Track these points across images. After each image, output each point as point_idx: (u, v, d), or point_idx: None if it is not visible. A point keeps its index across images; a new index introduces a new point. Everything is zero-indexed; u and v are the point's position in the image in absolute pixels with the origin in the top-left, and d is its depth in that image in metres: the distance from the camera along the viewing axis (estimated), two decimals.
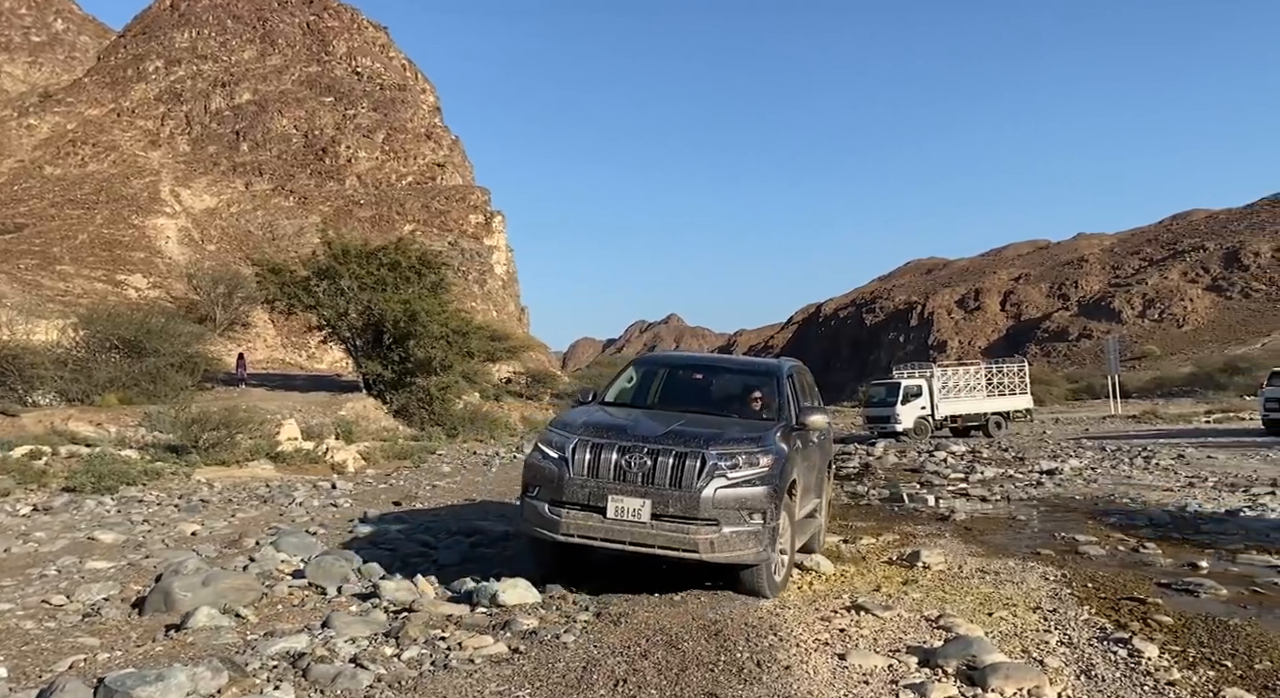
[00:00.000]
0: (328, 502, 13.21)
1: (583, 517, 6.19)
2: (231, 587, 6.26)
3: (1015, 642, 5.43)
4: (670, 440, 6.29)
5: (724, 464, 6.17)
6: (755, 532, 6.10)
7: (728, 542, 6.02)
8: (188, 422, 18.94)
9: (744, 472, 6.22)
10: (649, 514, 6.06)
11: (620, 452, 6.24)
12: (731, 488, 6.13)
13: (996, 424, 33.00)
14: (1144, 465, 17.60)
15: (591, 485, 6.20)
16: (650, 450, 6.20)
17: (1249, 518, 10.35)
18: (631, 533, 6.08)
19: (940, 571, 7.66)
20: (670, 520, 6.05)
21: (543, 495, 6.40)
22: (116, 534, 9.69)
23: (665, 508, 6.06)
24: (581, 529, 6.17)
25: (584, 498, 6.20)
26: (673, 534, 6.03)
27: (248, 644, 5.10)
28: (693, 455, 6.15)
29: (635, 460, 6.18)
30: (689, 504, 6.04)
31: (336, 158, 78.83)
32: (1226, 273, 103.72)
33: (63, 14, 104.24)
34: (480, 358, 40.16)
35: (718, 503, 6.05)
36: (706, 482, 6.08)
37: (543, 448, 6.65)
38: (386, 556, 8.20)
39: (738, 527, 6.07)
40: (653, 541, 6.06)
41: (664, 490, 6.08)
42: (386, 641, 5.24)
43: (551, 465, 6.43)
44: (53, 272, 46.38)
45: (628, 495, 6.11)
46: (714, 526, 6.02)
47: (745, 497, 6.14)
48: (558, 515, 6.24)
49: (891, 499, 13.79)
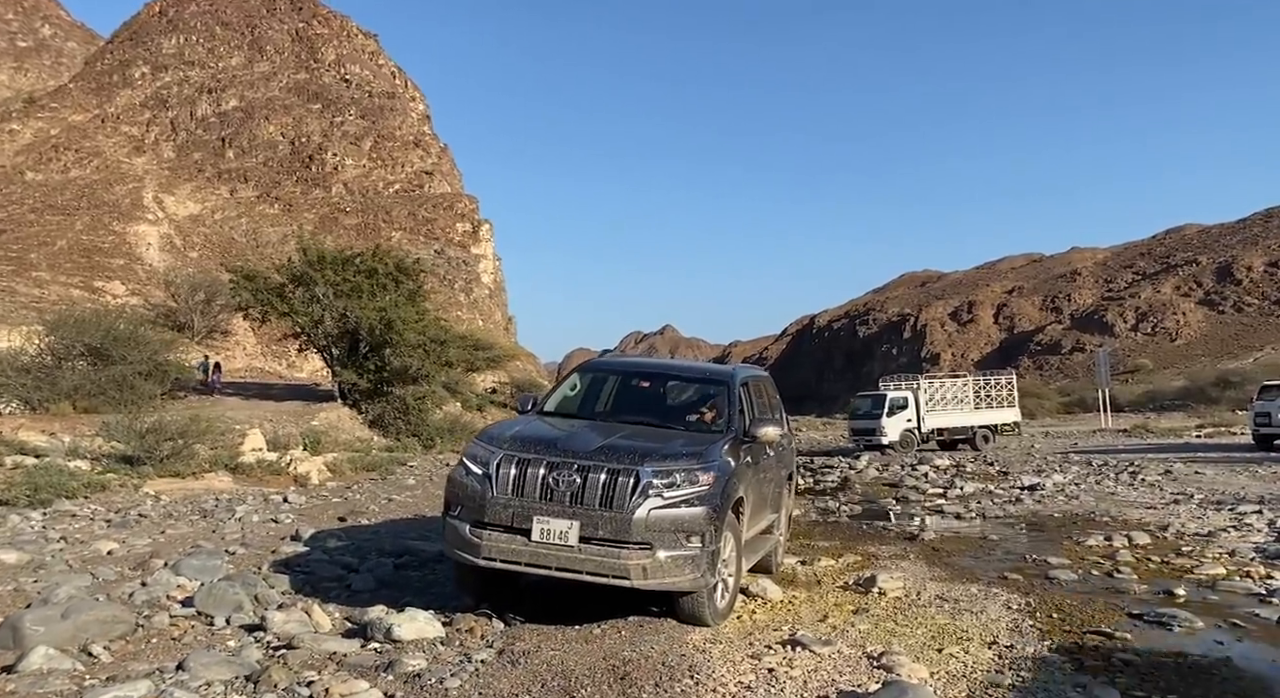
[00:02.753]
0: (269, 517, 12.53)
1: (506, 539, 5.67)
2: (96, 619, 5.59)
3: (962, 685, 4.81)
4: (603, 456, 5.79)
5: (659, 482, 5.66)
6: (693, 556, 5.59)
7: (662, 567, 5.52)
8: (142, 431, 18.24)
9: (681, 491, 5.71)
10: (577, 537, 5.54)
11: (548, 468, 5.73)
12: (667, 508, 5.62)
13: (984, 437, 32.43)
14: (1129, 481, 17.02)
15: (516, 505, 5.69)
16: (580, 467, 5.70)
17: (1232, 539, 9.73)
18: (558, 558, 5.57)
19: (896, 597, 7.05)
20: (600, 544, 5.54)
21: (464, 515, 5.89)
22: (21, 554, 8.97)
23: (595, 530, 5.54)
24: (504, 553, 5.67)
25: (507, 519, 5.69)
26: (602, 559, 5.52)
27: (78, 693, 4.45)
28: (625, 473, 5.64)
29: (564, 478, 5.67)
30: (620, 526, 5.53)
31: (323, 165, 78.20)
32: (1219, 287, 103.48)
33: (50, 20, 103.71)
34: (461, 367, 39.48)
35: (651, 525, 5.54)
36: (640, 501, 5.57)
37: (466, 463, 6.14)
38: (300, 579, 7.55)
39: (673, 551, 5.56)
40: (580, 566, 5.55)
41: (593, 511, 5.58)
42: (243, 687, 4.60)
43: (474, 483, 5.93)
44: (29, 278, 45.66)
45: (554, 517, 5.60)
46: (647, 550, 5.52)
47: (682, 518, 5.63)
48: (479, 538, 5.73)
49: (862, 516, 13.17)
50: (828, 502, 15.21)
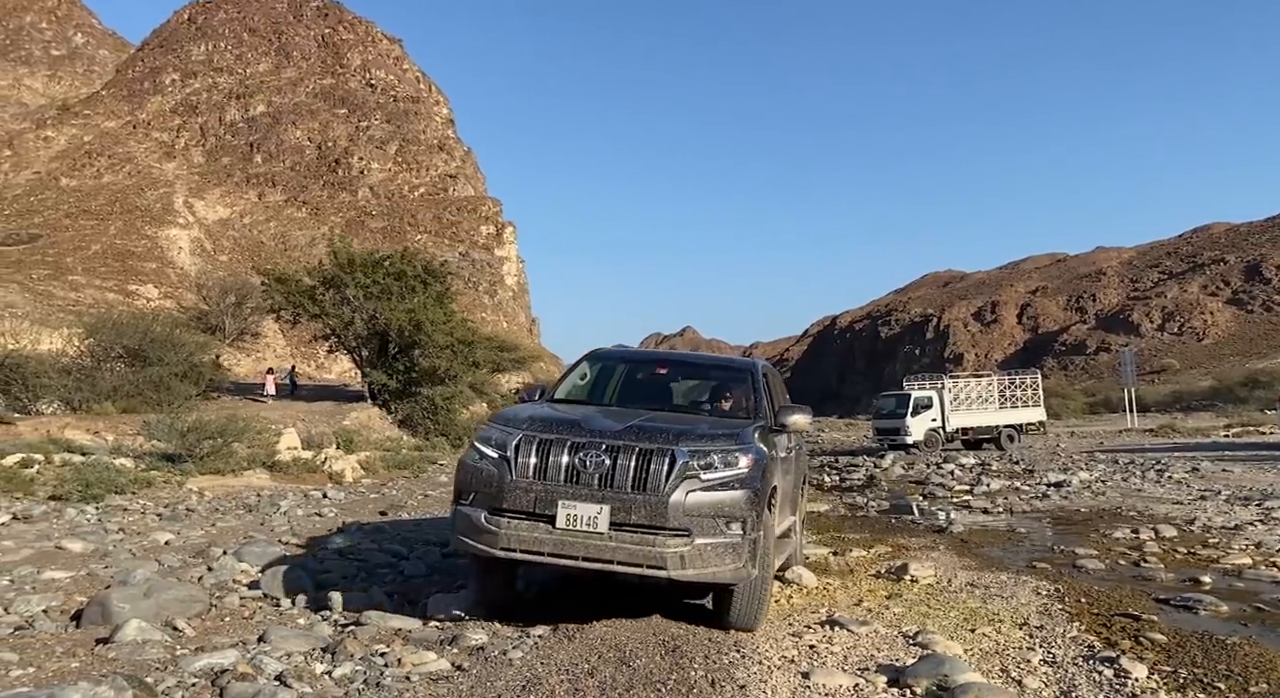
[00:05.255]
0: (313, 512, 12.94)
1: (527, 527, 5.20)
2: (175, 599, 5.97)
3: (995, 660, 5.07)
4: (633, 436, 5.35)
5: (697, 464, 5.24)
6: (734, 544, 5.16)
7: (701, 556, 5.10)
8: (183, 430, 18.75)
9: (720, 473, 5.28)
10: (607, 523, 5.09)
11: (573, 450, 5.28)
12: (706, 491, 5.19)
13: (1009, 437, 32.46)
14: (1156, 479, 17.12)
15: (538, 489, 5.22)
16: (609, 448, 5.26)
17: (1259, 532, 9.90)
18: (586, 546, 5.11)
19: (928, 584, 7.30)
20: (632, 531, 5.10)
21: (479, 502, 5.41)
22: (86, 544, 9.42)
23: (627, 516, 5.10)
24: (525, 542, 5.18)
25: (529, 504, 5.22)
26: (635, 548, 5.07)
27: (173, 660, 4.80)
28: (659, 454, 5.21)
29: (591, 459, 5.21)
30: (655, 511, 5.09)
31: (349, 169, 79.14)
32: (1247, 286, 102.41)
33: (83, 28, 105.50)
34: (487, 368, 39.95)
35: (689, 509, 5.11)
36: (676, 484, 5.14)
37: (479, 447, 5.65)
38: (353, 566, 7.92)
39: (713, 538, 5.13)
40: (611, 555, 5.09)
41: (625, 495, 5.13)
42: (322, 657, 4.94)
43: (490, 466, 5.45)
44: (65, 282, 46.60)
45: (582, 501, 5.14)
46: (685, 537, 5.09)
47: (723, 502, 5.21)
48: (496, 526, 5.24)
49: (890, 511, 13.40)
50: (855, 498, 15.44)
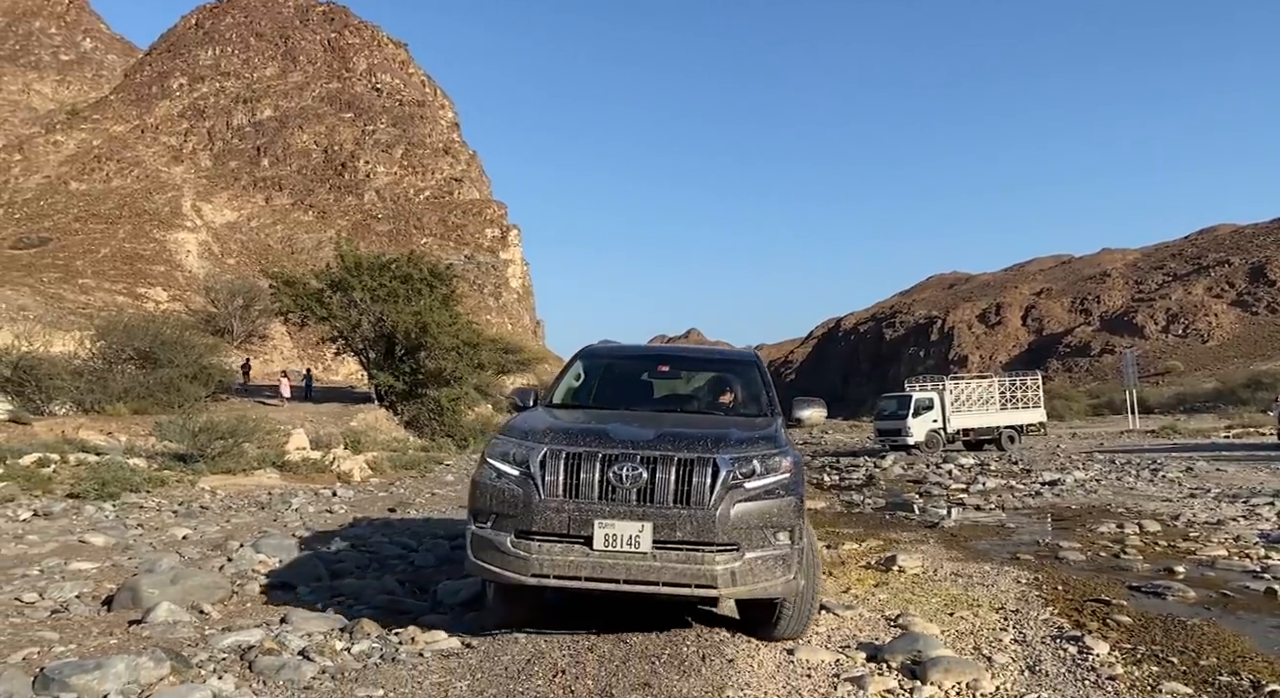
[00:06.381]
0: (324, 508, 13.33)
1: (561, 550, 4.78)
2: (200, 585, 6.34)
3: (969, 639, 5.42)
4: (669, 445, 4.97)
5: (740, 471, 4.94)
6: (783, 556, 4.87)
7: (752, 571, 4.78)
8: (195, 430, 19.16)
9: (764, 480, 4.98)
10: (650, 542, 4.72)
11: (605, 463, 4.86)
12: (752, 501, 4.88)
13: (1009, 437, 32.76)
14: (1150, 478, 17.42)
15: (570, 509, 4.80)
16: (645, 459, 4.87)
17: (1240, 527, 10.22)
18: (627, 568, 4.72)
19: (914, 574, 7.64)
20: (677, 548, 4.74)
21: (501, 524, 4.97)
22: (108, 538, 9.81)
23: (671, 532, 4.73)
24: (560, 567, 4.76)
25: (562, 526, 4.79)
26: (682, 566, 4.71)
27: (202, 638, 5.18)
28: (701, 463, 4.86)
29: (627, 473, 4.82)
30: (702, 525, 4.73)
31: (355, 173, 79.70)
32: (1252, 288, 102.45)
33: (91, 33, 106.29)
34: (492, 370, 40.37)
35: (737, 521, 4.79)
36: (722, 494, 4.81)
37: (495, 464, 5.18)
38: (365, 557, 8.28)
39: (762, 551, 4.83)
40: (656, 576, 4.71)
41: (668, 510, 4.77)
42: (340, 635, 5.30)
43: (512, 486, 5.00)
44: (75, 285, 47.13)
45: (620, 519, 4.76)
46: (734, 551, 4.77)
47: (770, 511, 4.91)
48: (526, 551, 4.82)
49: (885, 508, 13.74)
50: (853, 496, 15.78)
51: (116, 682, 4.12)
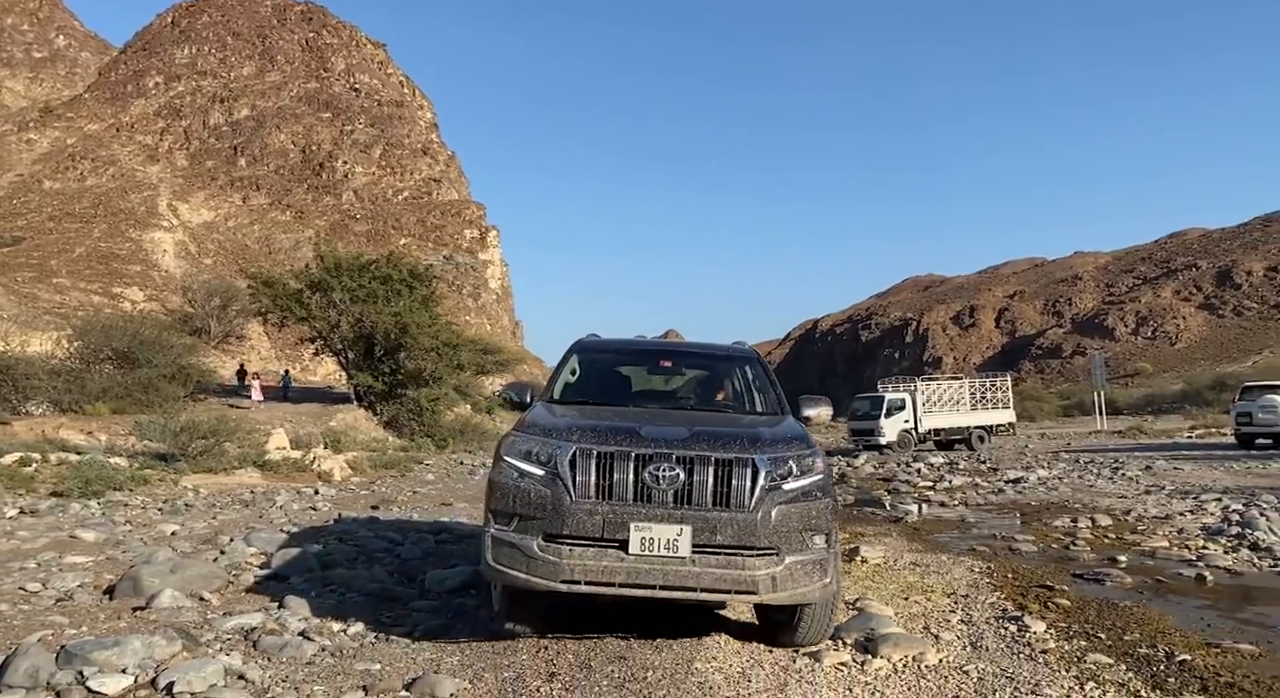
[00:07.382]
0: (307, 506, 13.63)
1: (594, 555, 4.55)
2: (198, 575, 6.68)
3: (920, 620, 5.87)
4: (704, 444, 4.78)
5: (778, 472, 4.81)
6: (820, 560, 4.78)
7: (791, 576, 4.64)
8: (176, 430, 19.36)
9: (800, 481, 4.84)
10: (689, 546, 4.54)
11: (640, 462, 4.67)
12: (791, 503, 4.75)
13: (979, 437, 33.47)
14: (1110, 476, 18.02)
15: (604, 511, 4.58)
16: (681, 459, 4.68)
17: (1185, 521, 10.78)
18: (664, 573, 4.52)
19: (876, 564, 8.09)
20: (716, 552, 4.57)
21: (527, 528, 4.70)
22: (98, 534, 10.08)
23: (711, 536, 4.56)
24: (592, 573, 4.53)
25: (595, 529, 4.56)
26: (722, 572, 4.54)
27: (206, 621, 5.53)
28: (740, 463, 4.71)
29: (664, 473, 4.63)
30: (744, 529, 4.59)
31: (333, 173, 79.59)
32: (1219, 291, 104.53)
33: (64, 30, 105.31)
34: (471, 371, 40.66)
35: (778, 524, 4.65)
36: (763, 496, 4.68)
37: (516, 464, 4.94)
38: (353, 550, 8.62)
39: (801, 554, 4.71)
40: (695, 581, 4.53)
41: (707, 512, 4.60)
42: (336, 618, 5.67)
43: (538, 486, 4.75)
44: (49, 284, 46.89)
45: (657, 522, 4.56)
46: (773, 556, 4.64)
47: (810, 513, 4.78)
48: (556, 555, 4.57)
49: (854, 504, 14.22)
50: None
51: (134, 657, 4.48)
